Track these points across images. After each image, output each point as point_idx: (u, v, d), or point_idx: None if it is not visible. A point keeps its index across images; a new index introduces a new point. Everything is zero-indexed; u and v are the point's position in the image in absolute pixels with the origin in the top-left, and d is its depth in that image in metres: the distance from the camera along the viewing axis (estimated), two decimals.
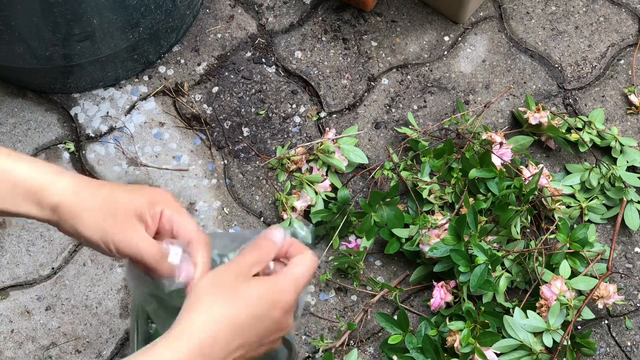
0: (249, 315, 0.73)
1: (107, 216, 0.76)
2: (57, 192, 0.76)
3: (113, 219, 0.76)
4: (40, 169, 0.77)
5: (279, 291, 0.75)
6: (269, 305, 0.74)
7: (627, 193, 1.25)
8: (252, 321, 0.73)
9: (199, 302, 0.73)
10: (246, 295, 0.73)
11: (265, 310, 0.74)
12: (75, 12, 1.16)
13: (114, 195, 0.77)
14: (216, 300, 0.73)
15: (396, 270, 1.25)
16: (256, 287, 0.74)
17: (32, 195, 0.76)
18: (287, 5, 1.46)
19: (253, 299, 0.73)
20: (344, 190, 1.24)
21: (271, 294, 0.74)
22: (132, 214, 0.76)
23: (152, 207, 0.78)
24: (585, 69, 1.41)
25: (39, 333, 1.21)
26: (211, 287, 0.74)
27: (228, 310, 0.72)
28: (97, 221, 0.75)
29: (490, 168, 1.22)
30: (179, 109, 1.37)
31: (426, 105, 1.38)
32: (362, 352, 1.20)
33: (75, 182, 0.77)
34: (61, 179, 0.77)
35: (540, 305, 1.15)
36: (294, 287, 0.76)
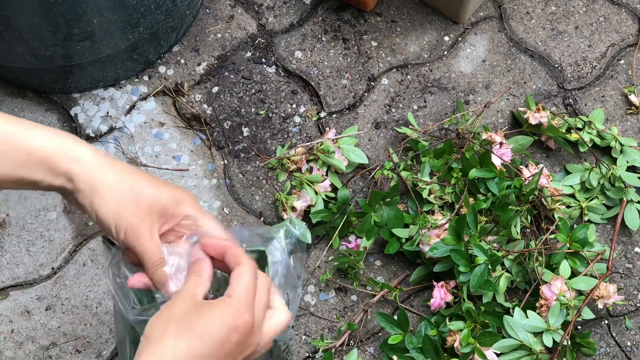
0: (202, 343, 0.71)
1: (129, 203, 0.75)
2: (78, 161, 0.74)
3: (135, 208, 0.75)
4: (58, 135, 0.75)
5: (230, 313, 0.73)
6: (228, 330, 0.73)
7: (627, 193, 1.26)
8: (215, 349, 0.72)
9: (149, 341, 0.71)
10: (195, 324, 0.72)
11: (226, 337, 0.72)
12: (75, 12, 1.16)
13: (140, 185, 0.76)
14: (166, 335, 0.71)
15: (396, 270, 1.25)
16: (211, 316, 0.73)
17: (47, 161, 0.74)
18: (287, 5, 1.46)
19: (202, 326, 0.72)
20: (344, 190, 1.24)
21: (228, 319, 0.73)
22: (154, 210, 0.76)
23: (176, 206, 0.77)
24: (585, 69, 1.41)
25: (39, 333, 1.21)
26: (159, 322, 0.72)
27: (179, 343, 0.71)
28: (118, 205, 0.75)
29: (490, 168, 1.22)
30: (179, 109, 1.37)
31: (426, 105, 1.38)
32: (362, 352, 1.20)
33: (98, 155, 0.76)
34: (82, 149, 0.75)
35: (540, 305, 1.15)
36: (243, 304, 0.74)
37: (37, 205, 1.29)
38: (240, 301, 0.74)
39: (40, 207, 1.29)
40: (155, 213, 0.76)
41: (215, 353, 0.72)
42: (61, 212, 1.28)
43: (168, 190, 0.78)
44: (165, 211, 0.77)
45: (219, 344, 0.72)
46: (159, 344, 0.71)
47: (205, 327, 0.72)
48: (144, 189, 0.76)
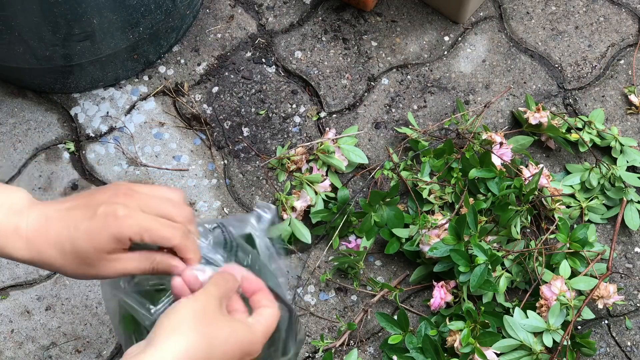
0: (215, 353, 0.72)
1: (87, 268, 0.77)
2: (21, 256, 0.77)
3: (91, 267, 0.77)
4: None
5: (252, 342, 0.75)
6: (241, 353, 0.74)
7: (627, 193, 1.26)
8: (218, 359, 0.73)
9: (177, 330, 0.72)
10: (224, 336, 0.73)
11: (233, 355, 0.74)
12: (75, 12, 1.16)
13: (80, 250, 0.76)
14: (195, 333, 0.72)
15: (396, 270, 1.25)
16: (234, 331, 0.74)
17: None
18: (287, 5, 1.46)
19: (229, 343, 0.73)
20: (344, 190, 1.24)
21: (247, 343, 0.74)
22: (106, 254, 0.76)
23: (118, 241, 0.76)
24: (585, 69, 1.41)
25: (39, 333, 1.21)
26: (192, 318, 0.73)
27: (204, 346, 0.72)
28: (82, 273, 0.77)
29: (490, 168, 1.22)
30: (179, 109, 1.37)
31: (426, 105, 1.38)
32: (362, 352, 1.20)
33: (32, 238, 0.77)
34: (17, 237, 0.77)
35: (540, 305, 1.15)
36: (264, 337, 0.76)
37: None
38: (262, 333, 0.76)
39: None
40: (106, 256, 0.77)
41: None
42: None
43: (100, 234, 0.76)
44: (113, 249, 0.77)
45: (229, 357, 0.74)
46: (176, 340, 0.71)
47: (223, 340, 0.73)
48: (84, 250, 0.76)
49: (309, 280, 1.24)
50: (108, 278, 0.79)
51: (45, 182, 1.31)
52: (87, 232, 0.76)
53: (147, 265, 0.78)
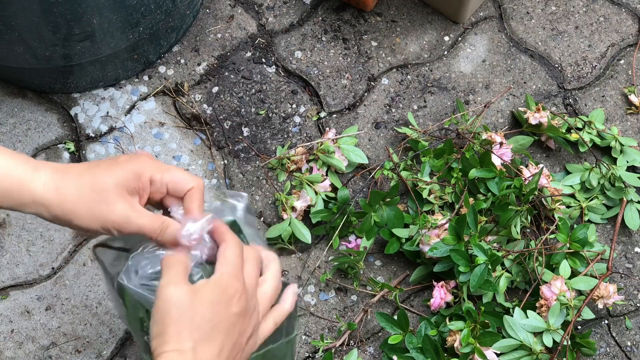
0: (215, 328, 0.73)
1: (100, 203, 0.76)
2: (39, 192, 0.76)
3: (106, 205, 0.76)
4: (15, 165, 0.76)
5: (222, 288, 0.74)
6: (223, 308, 0.74)
7: (627, 193, 1.26)
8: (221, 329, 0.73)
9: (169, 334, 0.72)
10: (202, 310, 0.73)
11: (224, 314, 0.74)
12: (75, 12, 1.16)
13: (98, 180, 0.77)
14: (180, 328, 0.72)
15: (396, 270, 1.25)
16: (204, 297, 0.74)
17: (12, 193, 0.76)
18: (287, 5, 1.46)
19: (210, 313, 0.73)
20: (344, 190, 1.24)
21: (219, 296, 0.74)
22: (123, 192, 0.77)
23: (139, 178, 0.78)
24: (585, 69, 1.41)
25: (39, 333, 1.21)
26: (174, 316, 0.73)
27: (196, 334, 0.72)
28: (92, 211, 0.76)
29: (490, 168, 1.22)
30: (179, 109, 1.37)
31: (426, 105, 1.38)
32: (362, 352, 1.20)
33: (53, 176, 0.77)
34: (39, 176, 0.76)
35: (540, 305, 1.15)
36: (233, 275, 0.75)
37: None
38: (229, 275, 0.75)
39: None
40: (125, 194, 0.77)
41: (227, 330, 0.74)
42: None
43: (123, 168, 0.78)
44: (133, 188, 0.78)
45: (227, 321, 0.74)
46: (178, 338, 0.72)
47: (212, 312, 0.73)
48: (102, 180, 0.77)
49: (309, 280, 1.24)
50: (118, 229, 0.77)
51: None
52: (108, 168, 0.77)
53: (157, 224, 0.78)
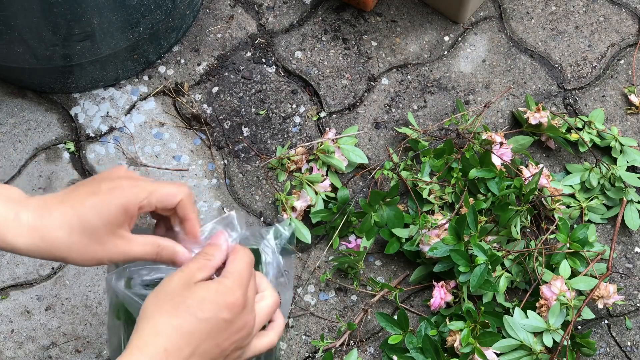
0: (195, 320, 0.72)
1: (94, 245, 0.76)
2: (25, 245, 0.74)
3: (101, 246, 0.76)
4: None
5: (223, 291, 0.74)
6: (214, 307, 0.73)
7: (627, 193, 1.25)
8: (200, 326, 0.72)
9: (145, 317, 0.72)
10: (189, 301, 0.73)
11: (212, 313, 0.73)
12: (75, 12, 1.16)
13: (86, 222, 0.75)
14: (161, 312, 0.72)
15: (396, 270, 1.25)
16: (198, 292, 0.74)
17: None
18: (287, 5, 1.46)
19: (195, 304, 0.73)
20: (344, 190, 1.24)
21: (214, 295, 0.73)
22: (114, 229, 0.76)
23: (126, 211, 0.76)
24: (585, 69, 1.41)
25: (39, 333, 1.21)
26: (156, 299, 0.73)
27: (173, 319, 0.72)
28: (86, 254, 0.76)
29: (490, 168, 1.22)
30: (179, 109, 1.37)
31: (426, 105, 1.38)
32: (362, 352, 1.20)
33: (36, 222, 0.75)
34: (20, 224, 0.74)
35: (540, 305, 1.15)
36: (237, 284, 0.75)
37: None
38: (234, 281, 0.75)
39: None
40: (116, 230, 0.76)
41: (209, 330, 0.73)
42: None
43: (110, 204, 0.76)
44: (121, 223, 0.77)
45: (213, 321, 0.73)
46: (153, 322, 0.72)
47: (198, 305, 0.73)
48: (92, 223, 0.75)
49: (309, 280, 1.24)
50: (113, 262, 0.78)
51: (45, 182, 1.31)
52: (94, 206, 0.75)
53: (153, 250, 0.78)
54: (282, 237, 0.92)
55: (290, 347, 1.20)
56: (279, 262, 0.93)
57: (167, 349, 0.71)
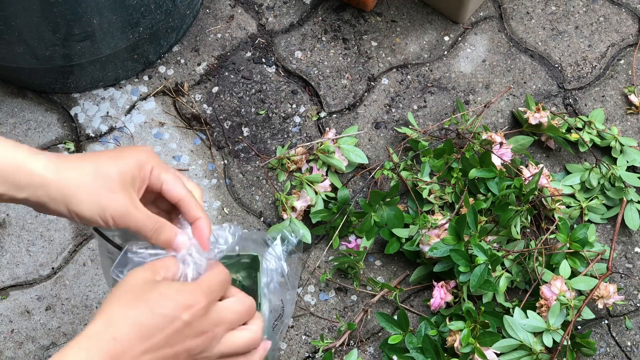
0: (150, 314, 0.71)
1: (103, 190, 0.75)
2: (38, 172, 0.74)
3: (110, 193, 0.75)
4: (11, 149, 0.74)
5: (186, 292, 0.73)
6: (174, 305, 0.72)
7: (627, 193, 1.26)
8: (154, 321, 0.71)
9: (102, 309, 0.71)
10: (149, 295, 0.72)
11: (170, 311, 0.71)
12: (75, 12, 1.16)
13: (102, 167, 0.75)
14: (119, 303, 0.71)
15: (396, 270, 1.25)
16: (160, 288, 0.72)
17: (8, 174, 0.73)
18: (287, 5, 1.46)
19: (154, 298, 0.71)
20: (344, 190, 1.24)
21: (174, 294, 0.72)
22: (127, 183, 0.76)
23: (141, 168, 0.77)
24: (585, 69, 1.41)
25: (39, 333, 1.21)
26: (117, 292, 0.73)
27: (128, 310, 0.71)
28: (93, 197, 0.74)
29: (490, 168, 1.22)
30: (179, 109, 1.37)
31: (426, 105, 1.38)
32: (362, 352, 1.20)
33: (54, 160, 0.75)
34: (38, 158, 0.74)
35: (540, 305, 1.15)
36: (202, 290, 0.74)
37: None
38: (200, 287, 0.74)
39: None
40: (128, 185, 0.76)
41: (164, 327, 0.71)
42: None
43: (127, 158, 0.77)
44: (134, 179, 0.77)
45: (169, 319, 0.71)
46: (109, 312, 0.71)
47: (157, 299, 0.71)
48: (106, 169, 0.76)
49: (309, 280, 1.24)
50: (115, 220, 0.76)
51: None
52: (110, 157, 0.76)
53: (152, 225, 0.77)
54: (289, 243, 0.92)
55: (290, 347, 1.20)
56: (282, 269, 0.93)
57: (115, 338, 0.69)
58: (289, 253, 0.93)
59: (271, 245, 0.94)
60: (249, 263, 0.96)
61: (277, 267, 0.93)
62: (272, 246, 0.94)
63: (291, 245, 0.91)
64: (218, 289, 0.76)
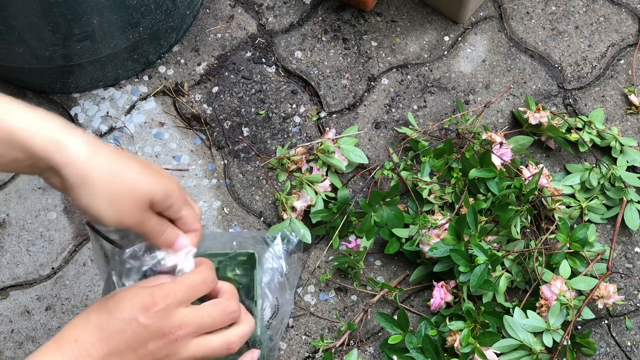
0: (109, 317, 0.71)
1: (124, 197, 0.74)
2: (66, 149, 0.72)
3: (130, 199, 0.74)
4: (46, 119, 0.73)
5: (143, 294, 0.73)
6: (129, 308, 0.72)
7: (627, 193, 1.25)
8: (113, 324, 0.71)
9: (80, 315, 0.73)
10: (110, 300, 0.72)
11: (126, 314, 0.71)
12: (75, 12, 1.16)
13: (133, 177, 0.75)
14: (87, 312, 0.72)
15: (396, 270, 1.25)
16: (120, 293, 0.73)
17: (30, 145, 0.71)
18: (287, 5, 1.46)
19: (114, 302, 0.72)
20: (344, 190, 1.24)
21: (132, 297, 0.72)
22: (147, 200, 0.76)
23: (166, 199, 0.78)
24: (585, 69, 1.41)
25: (39, 333, 1.21)
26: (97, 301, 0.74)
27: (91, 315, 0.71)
28: (113, 198, 0.74)
29: (490, 168, 1.22)
30: (179, 109, 1.37)
31: (426, 105, 1.38)
32: (362, 352, 1.20)
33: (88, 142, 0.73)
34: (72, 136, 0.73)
35: (540, 305, 1.15)
36: (162, 291, 0.74)
37: (37, 205, 1.29)
38: (160, 289, 0.74)
39: (40, 207, 1.29)
40: (148, 202, 0.77)
41: (122, 330, 0.71)
42: (61, 212, 1.28)
43: (159, 183, 0.77)
44: (155, 202, 0.78)
45: (126, 321, 0.71)
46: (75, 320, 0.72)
47: (116, 303, 0.72)
48: (137, 182, 0.75)
49: (309, 280, 1.24)
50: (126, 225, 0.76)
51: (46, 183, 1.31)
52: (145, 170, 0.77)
53: (161, 227, 0.78)
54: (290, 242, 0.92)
55: (290, 347, 1.20)
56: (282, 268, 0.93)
57: (77, 340, 0.70)
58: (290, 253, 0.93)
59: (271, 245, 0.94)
60: (246, 260, 0.96)
61: (277, 266, 0.93)
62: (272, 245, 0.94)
63: (291, 245, 0.91)
64: (182, 290, 0.76)
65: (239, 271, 0.96)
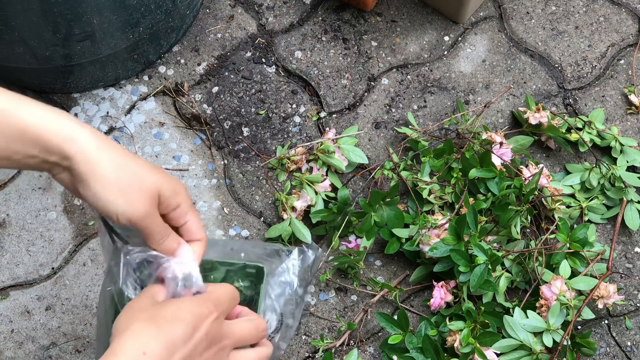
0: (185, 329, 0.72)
1: (132, 190, 0.75)
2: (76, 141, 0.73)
3: (138, 194, 0.75)
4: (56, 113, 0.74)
5: (197, 303, 0.75)
6: (190, 317, 0.73)
7: (627, 193, 1.26)
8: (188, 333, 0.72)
9: (120, 329, 0.72)
10: (163, 312, 0.73)
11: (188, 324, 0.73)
12: (75, 12, 1.16)
13: (141, 171, 0.76)
14: (138, 321, 0.72)
15: (396, 270, 1.25)
16: (171, 305, 0.74)
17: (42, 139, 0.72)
18: (287, 5, 1.46)
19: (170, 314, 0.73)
20: (344, 190, 1.24)
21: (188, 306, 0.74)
22: (155, 196, 0.76)
23: (173, 195, 0.78)
24: (585, 69, 1.41)
25: (39, 333, 1.21)
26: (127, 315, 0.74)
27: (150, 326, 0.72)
28: (121, 191, 0.74)
29: (490, 168, 1.22)
30: (179, 109, 1.37)
31: (426, 105, 1.38)
32: (362, 352, 1.20)
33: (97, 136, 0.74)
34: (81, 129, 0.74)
35: (540, 305, 1.15)
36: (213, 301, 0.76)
37: (37, 205, 1.29)
38: (210, 298, 0.76)
39: (40, 207, 1.29)
40: (155, 199, 0.77)
41: (187, 339, 0.72)
42: (61, 212, 1.29)
43: (167, 179, 0.78)
44: (162, 199, 0.78)
45: (192, 328, 0.73)
46: (130, 330, 0.71)
47: (174, 314, 0.73)
48: (145, 175, 0.76)
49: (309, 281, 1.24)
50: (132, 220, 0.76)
51: (46, 183, 1.31)
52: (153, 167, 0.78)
53: (164, 231, 0.78)
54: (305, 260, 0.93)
55: (290, 347, 1.20)
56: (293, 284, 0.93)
57: (146, 352, 0.70)
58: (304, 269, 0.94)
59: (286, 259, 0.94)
60: (254, 273, 0.96)
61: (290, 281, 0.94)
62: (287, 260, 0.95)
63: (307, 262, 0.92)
64: (226, 301, 0.78)
65: (245, 283, 0.97)
